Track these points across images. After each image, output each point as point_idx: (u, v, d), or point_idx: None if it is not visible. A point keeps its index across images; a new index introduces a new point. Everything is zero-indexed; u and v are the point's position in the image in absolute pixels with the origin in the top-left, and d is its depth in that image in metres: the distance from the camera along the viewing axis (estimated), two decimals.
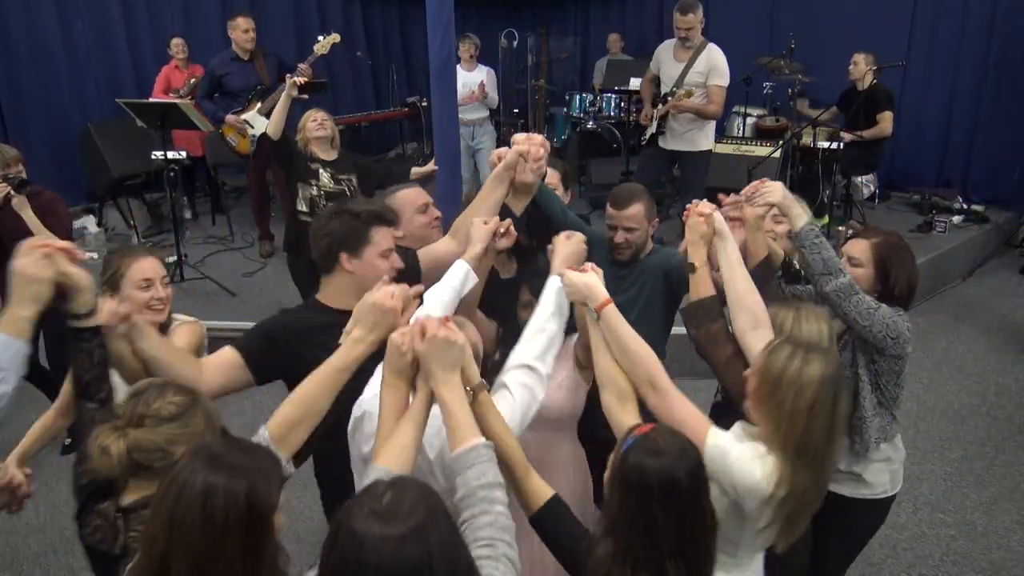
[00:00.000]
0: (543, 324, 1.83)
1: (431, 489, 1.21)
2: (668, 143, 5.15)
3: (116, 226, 6.41)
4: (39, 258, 1.56)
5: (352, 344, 1.67)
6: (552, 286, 1.89)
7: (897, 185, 7.03)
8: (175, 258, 5.16)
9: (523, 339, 1.83)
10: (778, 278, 2.40)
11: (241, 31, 5.45)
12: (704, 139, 5.13)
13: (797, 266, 2.51)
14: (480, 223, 2.08)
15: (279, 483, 1.32)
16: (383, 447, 1.48)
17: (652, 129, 5.23)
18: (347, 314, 1.88)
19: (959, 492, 3.45)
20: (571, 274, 1.84)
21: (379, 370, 1.72)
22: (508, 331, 2.32)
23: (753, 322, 1.88)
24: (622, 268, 2.61)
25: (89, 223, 6.37)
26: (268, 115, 4.25)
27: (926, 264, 5.50)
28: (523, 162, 2.21)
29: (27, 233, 3.40)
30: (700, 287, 1.99)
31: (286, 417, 1.61)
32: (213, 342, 3.75)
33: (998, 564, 3.03)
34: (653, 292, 2.58)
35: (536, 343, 1.80)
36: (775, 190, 2.13)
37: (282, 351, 2.00)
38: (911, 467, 3.66)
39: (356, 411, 1.76)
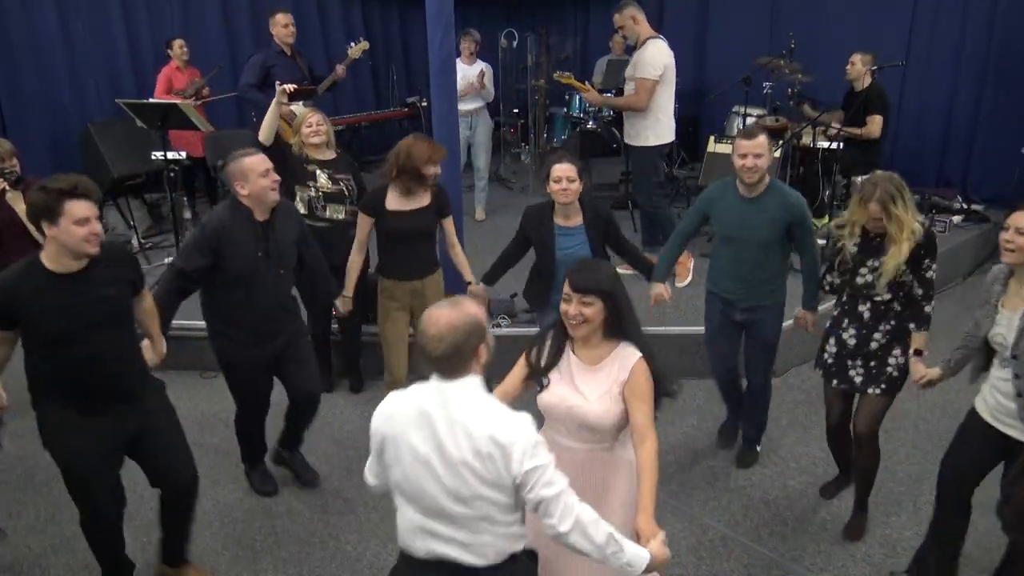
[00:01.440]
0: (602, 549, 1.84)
1: None
2: (626, 138, 5.30)
3: (116, 226, 6.40)
4: None
5: None
6: (640, 556, 1.89)
7: None
8: (175, 258, 5.15)
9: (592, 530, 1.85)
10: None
11: (281, 26, 5.59)
12: (642, 135, 5.11)
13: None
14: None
15: None
16: None
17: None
18: (60, 276, 2.41)
19: None
20: None
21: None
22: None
23: None
24: (747, 205, 3.30)
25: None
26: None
27: None
28: None
29: (20, 226, 3.41)
30: None
31: None
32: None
33: (998, 564, 3.03)
34: (773, 224, 3.27)
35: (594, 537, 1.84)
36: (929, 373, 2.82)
37: (3, 308, 2.44)
38: (911, 467, 3.66)
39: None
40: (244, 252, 3.08)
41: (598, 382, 2.25)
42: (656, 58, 4.94)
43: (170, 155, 5.29)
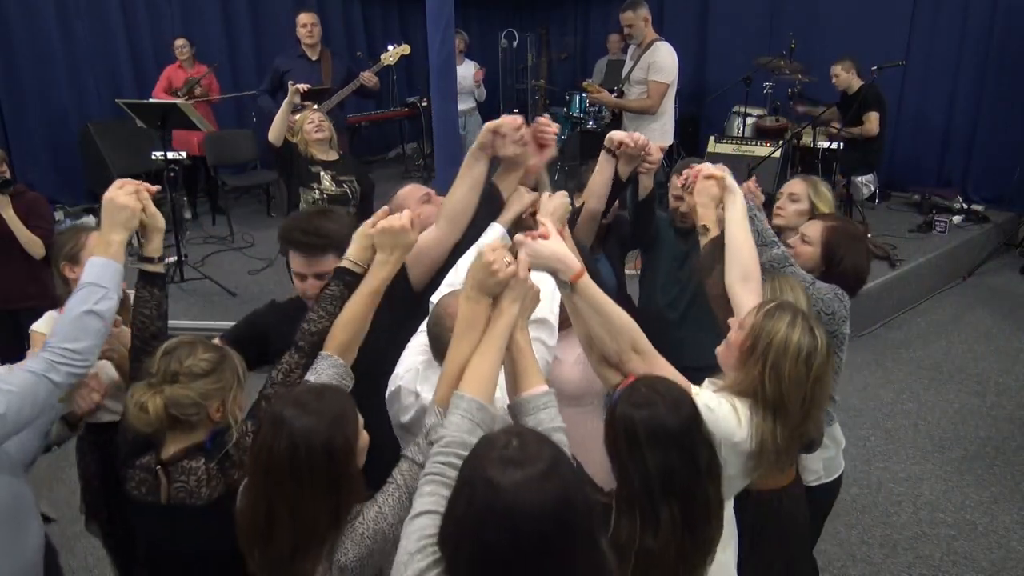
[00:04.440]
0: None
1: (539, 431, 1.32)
2: None
3: None
4: (129, 191, 1.81)
5: (378, 267, 1.81)
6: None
7: (897, 185, 7.03)
8: (175, 258, 5.16)
9: None
10: None
11: (300, 26, 5.47)
12: (651, 136, 5.06)
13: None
14: (521, 191, 2.22)
15: (355, 419, 1.48)
16: (469, 373, 1.50)
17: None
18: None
19: (959, 492, 3.45)
20: (537, 243, 1.67)
21: (412, 344, 1.90)
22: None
23: (743, 275, 1.94)
24: (686, 244, 2.70)
25: (89, 223, 6.37)
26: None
27: (926, 264, 5.50)
28: (500, 138, 2.15)
29: (7, 232, 3.39)
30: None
31: (342, 340, 1.75)
32: None
33: (998, 564, 3.03)
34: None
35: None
36: (709, 168, 2.17)
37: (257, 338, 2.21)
38: (911, 467, 3.66)
39: (392, 384, 1.87)
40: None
41: (572, 344, 2.04)
42: (670, 62, 4.91)
43: (170, 155, 5.29)
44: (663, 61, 4.89)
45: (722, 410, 1.62)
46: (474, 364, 1.51)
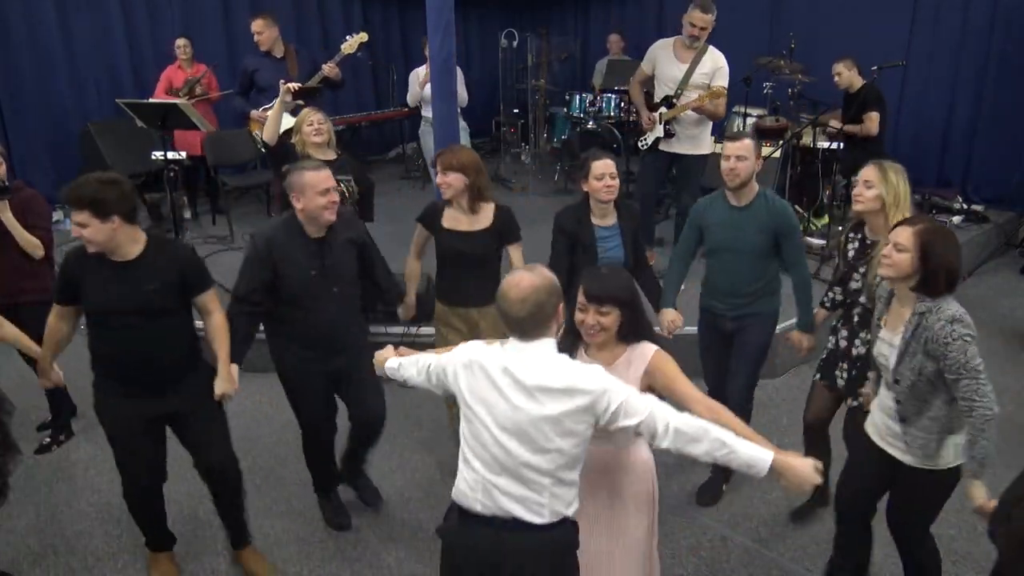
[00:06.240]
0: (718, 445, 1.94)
1: None
2: (672, 146, 5.11)
3: None
4: None
5: None
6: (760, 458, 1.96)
7: None
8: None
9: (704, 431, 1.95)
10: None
11: (255, 33, 5.47)
12: (706, 142, 5.15)
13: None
14: None
15: None
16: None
17: (658, 133, 5.09)
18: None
19: (959, 492, 3.44)
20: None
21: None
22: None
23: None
24: (737, 213, 3.15)
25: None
26: (294, 112, 4.29)
27: None
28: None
29: (3, 232, 3.37)
30: None
31: None
32: None
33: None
34: (762, 233, 3.12)
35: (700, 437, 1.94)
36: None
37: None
38: None
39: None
40: (297, 271, 2.95)
41: (615, 371, 2.21)
42: (728, 67, 4.95)
43: (170, 155, 5.29)
44: (727, 66, 4.91)
45: None
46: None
